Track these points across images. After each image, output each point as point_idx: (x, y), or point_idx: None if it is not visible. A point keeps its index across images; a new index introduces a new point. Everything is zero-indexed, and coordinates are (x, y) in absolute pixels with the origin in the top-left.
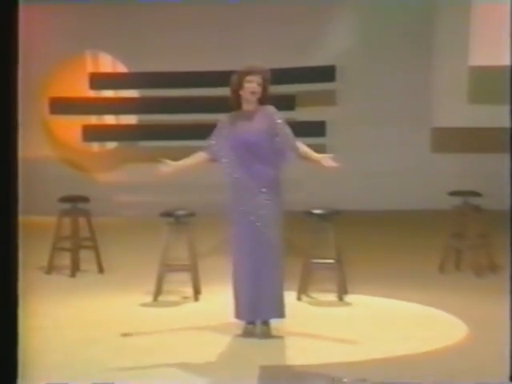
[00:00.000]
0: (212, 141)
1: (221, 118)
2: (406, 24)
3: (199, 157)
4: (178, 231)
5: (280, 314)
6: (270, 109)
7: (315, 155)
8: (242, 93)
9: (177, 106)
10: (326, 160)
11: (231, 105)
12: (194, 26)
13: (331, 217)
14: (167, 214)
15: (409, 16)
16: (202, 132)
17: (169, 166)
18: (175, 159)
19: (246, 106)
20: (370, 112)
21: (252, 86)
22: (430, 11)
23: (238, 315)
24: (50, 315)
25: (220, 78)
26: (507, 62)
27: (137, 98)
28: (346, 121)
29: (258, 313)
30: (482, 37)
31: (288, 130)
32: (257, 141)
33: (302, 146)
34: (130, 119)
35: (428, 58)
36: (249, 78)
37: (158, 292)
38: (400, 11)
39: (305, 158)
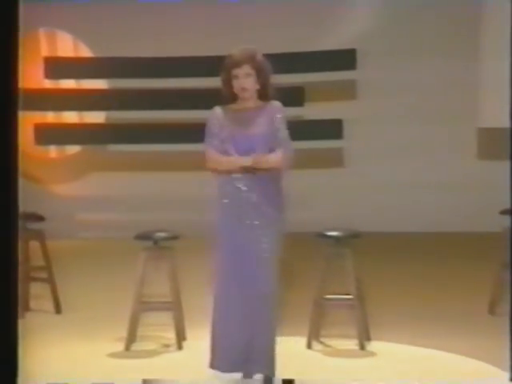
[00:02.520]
0: (214, 141)
1: (211, 113)
2: (447, 3)
3: None
4: (158, 259)
5: (270, 370)
6: (274, 106)
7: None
8: (235, 90)
9: (156, 101)
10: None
11: (225, 101)
12: None
13: (350, 240)
14: (144, 237)
15: None
16: (188, 133)
17: None
18: (156, 167)
19: (242, 104)
20: (400, 109)
21: (240, 82)
22: None
23: (215, 364)
24: None
25: (211, 66)
26: None
27: (105, 90)
28: (368, 119)
29: (244, 364)
30: None
31: (284, 132)
32: (262, 147)
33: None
34: (97, 116)
35: (473, 43)
36: (234, 71)
37: (132, 338)
38: None
39: None
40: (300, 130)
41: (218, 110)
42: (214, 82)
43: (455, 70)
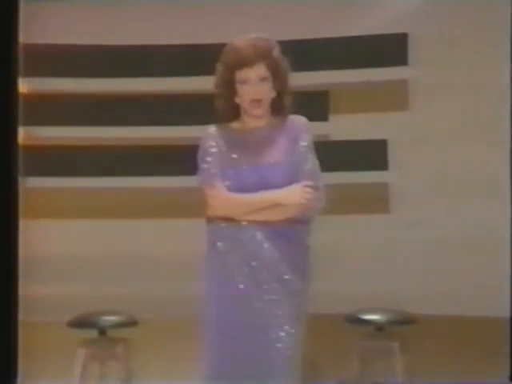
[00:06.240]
0: (217, 173)
1: (206, 135)
2: None
3: None
4: (105, 358)
5: None
6: (296, 123)
7: None
8: (237, 101)
9: (103, 111)
10: None
11: (223, 117)
12: None
13: (398, 328)
14: (83, 324)
15: None
16: (151, 161)
17: None
18: (100, 213)
19: (249, 122)
20: (472, 126)
21: (252, 90)
22: None
23: None
24: None
25: (197, 59)
26: None
27: (23, 95)
28: (425, 140)
29: None
30: None
31: (313, 160)
32: (280, 183)
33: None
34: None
35: None
36: (241, 73)
37: None
38: None
39: None
40: (323, 156)
41: (212, 131)
42: (199, 84)
43: None
